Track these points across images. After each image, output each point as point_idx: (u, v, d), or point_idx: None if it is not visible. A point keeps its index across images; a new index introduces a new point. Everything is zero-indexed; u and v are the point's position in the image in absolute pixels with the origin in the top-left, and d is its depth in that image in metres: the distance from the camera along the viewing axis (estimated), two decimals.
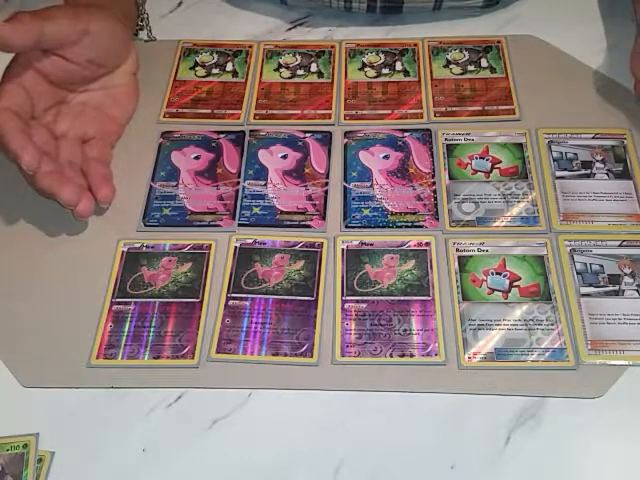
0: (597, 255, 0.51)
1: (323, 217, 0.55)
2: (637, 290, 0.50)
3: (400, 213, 0.54)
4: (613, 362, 0.47)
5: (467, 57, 0.64)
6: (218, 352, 0.48)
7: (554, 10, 0.68)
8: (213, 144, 0.59)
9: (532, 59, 0.64)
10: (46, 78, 0.54)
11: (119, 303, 0.51)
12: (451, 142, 0.58)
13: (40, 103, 0.54)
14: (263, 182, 0.57)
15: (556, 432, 0.45)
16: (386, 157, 0.58)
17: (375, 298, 0.50)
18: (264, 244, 0.53)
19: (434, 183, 0.56)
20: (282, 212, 0.55)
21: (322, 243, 0.53)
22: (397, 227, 0.54)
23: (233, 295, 0.51)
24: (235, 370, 0.48)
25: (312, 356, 0.48)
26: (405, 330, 0.48)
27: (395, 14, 0.67)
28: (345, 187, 0.56)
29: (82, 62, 0.55)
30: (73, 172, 0.54)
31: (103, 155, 0.57)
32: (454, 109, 0.61)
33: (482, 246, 0.52)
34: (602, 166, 0.56)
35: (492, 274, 0.51)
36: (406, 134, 0.59)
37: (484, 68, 0.63)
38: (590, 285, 0.50)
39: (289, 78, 0.64)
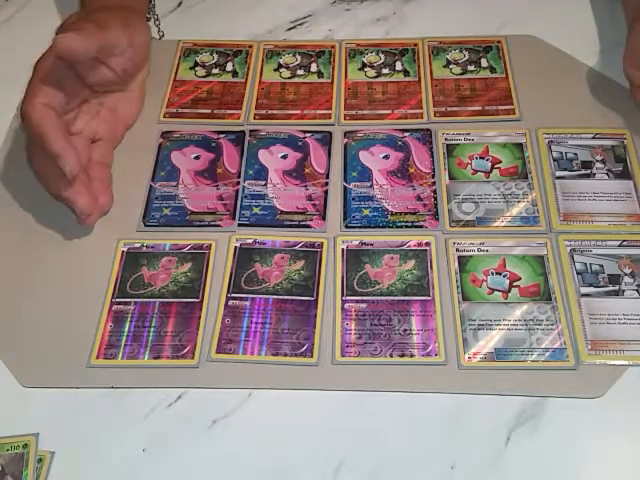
0: (597, 255, 0.51)
1: (323, 217, 0.55)
2: (637, 290, 0.50)
3: (400, 213, 0.54)
4: (613, 362, 0.47)
5: (467, 57, 0.64)
6: (218, 352, 0.48)
7: (554, 10, 0.68)
8: (213, 144, 0.59)
9: (532, 59, 0.64)
10: (82, 79, 0.54)
11: (119, 303, 0.51)
12: (451, 142, 0.58)
13: (71, 102, 0.54)
14: (263, 182, 0.57)
15: (556, 432, 0.45)
16: (386, 157, 0.58)
17: (375, 298, 0.50)
18: (264, 244, 0.53)
19: (434, 183, 0.56)
20: (282, 212, 0.55)
21: (322, 243, 0.53)
22: (397, 227, 0.54)
23: (233, 295, 0.51)
24: (235, 370, 0.48)
25: (312, 356, 0.48)
26: (405, 330, 0.48)
27: None
28: (345, 187, 0.56)
29: (119, 70, 0.55)
30: (82, 174, 0.53)
31: (106, 157, 0.57)
32: (454, 109, 0.61)
33: (482, 246, 0.52)
34: (602, 166, 0.56)
35: (492, 274, 0.51)
36: (406, 134, 0.59)
37: (484, 68, 0.63)
38: (590, 285, 0.50)
39: (289, 78, 0.64)
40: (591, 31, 0.66)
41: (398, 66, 0.64)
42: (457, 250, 0.52)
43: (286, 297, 0.50)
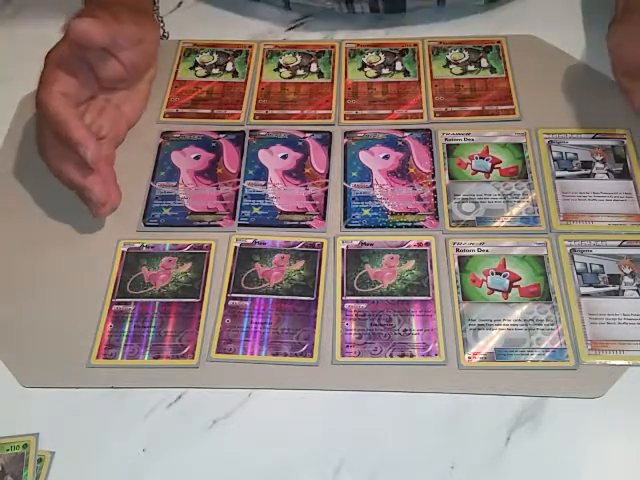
0: (597, 255, 0.51)
1: (323, 217, 0.55)
2: (637, 290, 0.50)
3: (400, 213, 0.54)
4: (613, 362, 0.47)
5: (467, 57, 0.64)
6: (218, 352, 0.48)
7: (554, 10, 0.68)
8: (213, 144, 0.59)
9: (532, 59, 0.64)
10: (94, 73, 0.54)
11: (119, 303, 0.51)
12: (451, 142, 0.58)
13: (82, 95, 0.54)
14: (263, 182, 0.57)
15: (556, 432, 0.45)
16: (386, 157, 0.58)
17: (375, 298, 0.50)
18: (264, 244, 0.53)
19: (434, 183, 0.56)
20: (282, 212, 0.55)
21: (322, 243, 0.53)
22: (397, 227, 0.54)
23: (233, 295, 0.51)
24: (235, 370, 0.48)
25: (312, 356, 0.48)
26: (405, 330, 0.48)
27: (398, 13, 0.67)
28: (345, 187, 0.56)
29: (129, 66, 0.55)
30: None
31: (109, 155, 0.57)
32: (454, 109, 0.61)
33: (482, 246, 0.52)
34: (602, 166, 0.56)
35: (492, 274, 0.51)
36: (406, 134, 0.59)
37: (484, 68, 0.63)
38: (590, 285, 0.50)
39: (289, 78, 0.64)
40: (591, 31, 0.66)
41: (398, 66, 0.64)
42: (457, 250, 0.52)
43: (286, 297, 0.50)
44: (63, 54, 0.52)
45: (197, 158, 0.59)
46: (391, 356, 0.47)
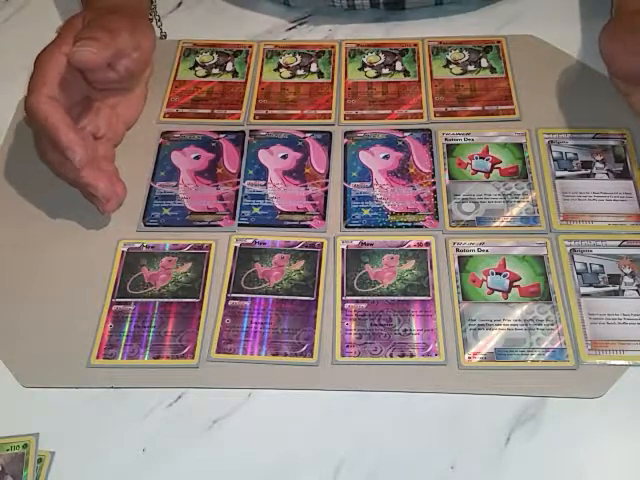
0: (597, 255, 0.51)
1: (323, 217, 0.55)
2: (637, 290, 0.50)
3: (400, 213, 0.54)
4: (613, 362, 0.47)
5: (467, 57, 0.64)
6: (218, 352, 0.48)
7: (554, 10, 0.68)
8: (213, 144, 0.59)
9: (532, 59, 0.64)
10: (84, 76, 0.54)
11: (119, 303, 0.51)
12: (451, 142, 0.58)
13: (73, 97, 0.54)
14: (263, 182, 0.57)
15: (556, 432, 0.45)
16: (386, 157, 0.58)
17: (375, 298, 0.50)
18: (264, 244, 0.53)
19: (434, 183, 0.56)
20: (282, 212, 0.55)
21: (322, 243, 0.53)
22: (397, 227, 0.54)
23: (233, 295, 0.51)
24: (235, 370, 0.48)
25: (312, 356, 0.48)
26: (405, 330, 0.48)
27: (398, 10, 0.67)
28: (345, 187, 0.56)
29: (123, 72, 0.55)
30: (95, 163, 0.53)
31: (109, 155, 0.57)
32: (454, 109, 0.61)
33: (482, 246, 0.52)
34: (602, 166, 0.56)
35: (492, 274, 0.51)
36: (406, 134, 0.59)
37: (484, 68, 0.63)
38: (590, 285, 0.50)
39: (289, 78, 0.64)
40: (591, 31, 0.66)
41: (398, 66, 0.64)
42: (457, 250, 0.52)
43: (286, 297, 0.50)
44: (51, 58, 0.52)
45: (197, 158, 0.59)
46: (391, 356, 0.47)
